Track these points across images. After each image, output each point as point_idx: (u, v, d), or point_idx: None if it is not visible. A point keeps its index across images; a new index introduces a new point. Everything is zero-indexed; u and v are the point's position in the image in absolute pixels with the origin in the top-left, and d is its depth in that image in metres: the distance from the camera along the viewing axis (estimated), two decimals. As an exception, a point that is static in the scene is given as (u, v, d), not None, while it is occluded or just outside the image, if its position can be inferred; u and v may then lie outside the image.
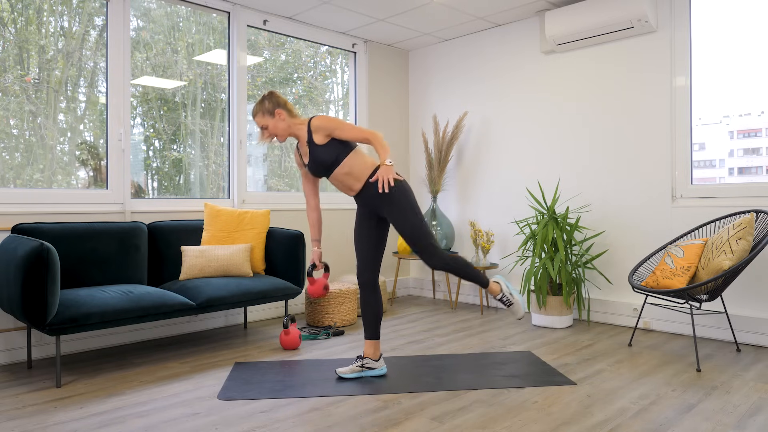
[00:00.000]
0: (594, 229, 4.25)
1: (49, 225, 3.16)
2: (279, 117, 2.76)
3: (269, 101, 2.77)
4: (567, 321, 4.01)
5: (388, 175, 2.52)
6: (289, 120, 2.77)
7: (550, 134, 4.51)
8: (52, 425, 2.30)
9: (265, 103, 2.77)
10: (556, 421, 2.31)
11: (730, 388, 2.70)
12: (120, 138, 3.69)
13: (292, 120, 2.78)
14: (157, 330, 3.78)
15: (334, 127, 2.67)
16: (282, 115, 2.76)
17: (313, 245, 2.94)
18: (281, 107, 2.77)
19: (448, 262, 2.72)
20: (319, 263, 2.93)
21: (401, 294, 5.50)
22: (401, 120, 5.57)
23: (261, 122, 2.78)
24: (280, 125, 2.76)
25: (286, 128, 2.77)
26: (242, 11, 4.32)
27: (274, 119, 2.76)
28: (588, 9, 4.02)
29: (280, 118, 2.76)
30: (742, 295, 3.55)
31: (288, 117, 2.77)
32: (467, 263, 2.77)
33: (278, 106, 2.76)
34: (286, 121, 2.76)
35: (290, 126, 2.78)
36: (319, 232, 2.93)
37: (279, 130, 2.77)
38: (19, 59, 3.36)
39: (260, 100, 2.79)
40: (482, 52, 4.98)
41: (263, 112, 2.77)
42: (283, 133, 2.78)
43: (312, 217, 2.93)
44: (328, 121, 2.68)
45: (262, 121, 2.77)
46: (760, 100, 3.56)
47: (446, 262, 2.72)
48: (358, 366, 2.87)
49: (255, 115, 2.80)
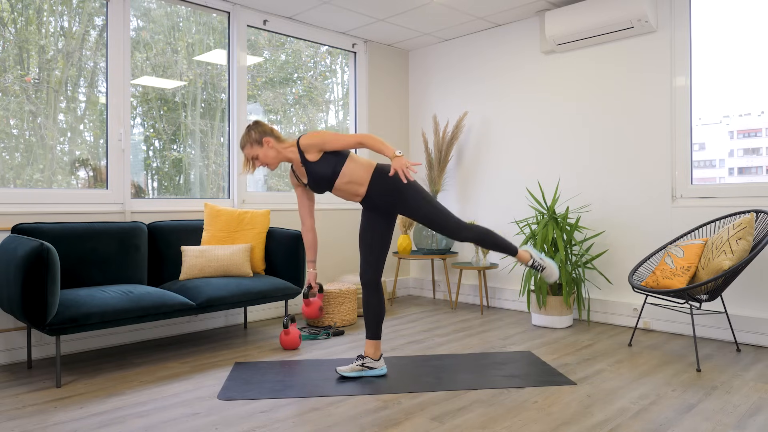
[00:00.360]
0: (594, 229, 4.25)
1: (49, 225, 3.16)
2: (267, 145, 2.74)
3: (255, 131, 2.75)
4: (567, 321, 4.01)
5: (404, 165, 2.52)
6: (277, 146, 2.75)
7: (550, 134, 4.51)
8: (52, 425, 2.30)
9: (251, 134, 2.75)
10: (556, 421, 2.31)
11: (730, 388, 2.70)
12: (120, 138, 3.69)
13: (281, 145, 2.76)
14: (157, 330, 3.78)
15: (323, 141, 2.66)
16: (270, 143, 2.73)
17: (308, 266, 2.94)
18: (268, 135, 2.75)
19: (474, 234, 2.77)
20: (314, 284, 2.95)
21: (401, 294, 5.50)
22: (401, 120, 5.57)
23: (250, 153, 2.75)
24: (270, 153, 2.74)
25: (276, 155, 2.76)
26: (242, 11, 4.32)
27: (263, 148, 2.74)
28: (588, 9, 4.02)
29: (269, 146, 2.74)
30: (742, 295, 3.55)
31: (276, 143, 2.75)
32: (493, 235, 2.81)
33: (265, 134, 2.74)
34: (275, 148, 2.74)
35: (280, 152, 2.76)
36: (315, 253, 2.94)
37: (269, 159, 2.75)
38: (19, 59, 3.36)
39: (246, 131, 2.77)
40: (482, 52, 4.98)
41: (251, 142, 2.74)
42: (273, 161, 2.76)
43: (308, 239, 2.92)
44: (315, 137, 2.67)
45: (251, 151, 2.75)
46: (760, 100, 3.56)
47: (474, 234, 2.77)
48: (359, 365, 2.87)
49: (243, 146, 2.77)
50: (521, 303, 4.69)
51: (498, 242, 2.81)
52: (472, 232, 2.77)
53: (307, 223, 2.91)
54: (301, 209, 2.90)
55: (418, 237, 4.91)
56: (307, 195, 2.88)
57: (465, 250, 5.14)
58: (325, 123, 5.08)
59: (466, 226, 2.78)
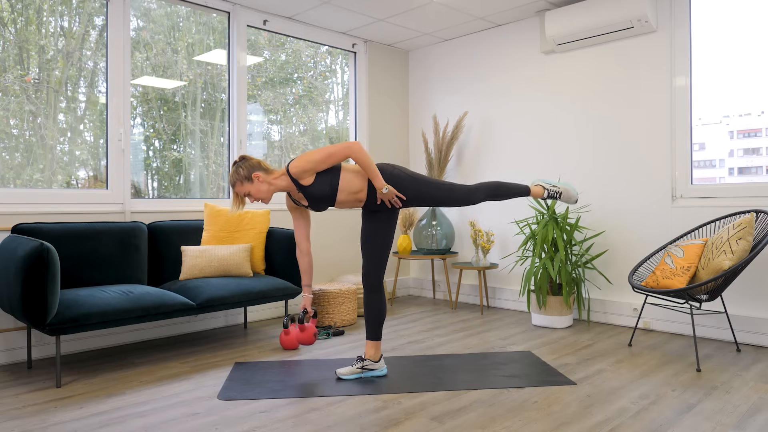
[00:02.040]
0: (594, 229, 4.25)
1: (49, 225, 3.16)
2: (258, 180, 2.69)
3: (243, 167, 2.69)
4: (567, 321, 4.01)
5: (390, 195, 2.67)
6: (268, 178, 2.70)
7: (550, 134, 4.51)
8: (52, 425, 2.30)
9: (240, 170, 2.69)
10: (556, 421, 2.31)
11: (730, 388, 2.70)
12: (120, 138, 3.69)
13: (271, 177, 2.71)
14: (157, 330, 3.78)
15: (313, 165, 2.62)
16: (260, 177, 2.68)
17: (304, 291, 2.90)
18: (257, 169, 2.69)
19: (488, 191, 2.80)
20: (309, 310, 2.91)
21: (401, 294, 5.50)
22: (401, 120, 5.57)
23: (242, 191, 2.70)
24: (262, 188, 2.69)
25: (269, 188, 2.71)
26: (242, 11, 4.32)
27: (254, 184, 2.69)
28: (588, 9, 4.02)
29: (259, 181, 2.69)
30: (742, 295, 3.55)
31: (266, 176, 2.70)
32: (500, 184, 2.84)
33: (253, 169, 2.69)
34: (266, 182, 2.69)
35: (271, 183, 2.71)
36: (311, 277, 2.90)
37: (262, 194, 2.70)
38: (19, 59, 3.36)
39: (234, 168, 2.71)
40: (482, 52, 4.98)
41: (240, 180, 2.69)
42: (266, 195, 2.71)
43: (303, 263, 2.88)
44: (305, 163, 2.62)
45: (243, 189, 2.69)
46: (760, 100, 3.56)
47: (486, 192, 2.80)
48: (358, 367, 2.87)
49: (234, 185, 2.71)
50: (521, 303, 4.69)
51: (510, 190, 2.85)
52: (483, 192, 2.80)
53: (303, 247, 2.87)
54: (297, 232, 2.86)
55: (418, 237, 4.91)
56: (303, 218, 2.84)
57: (465, 250, 5.14)
58: (325, 123, 5.08)
59: (475, 188, 2.79)
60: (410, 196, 2.75)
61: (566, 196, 2.92)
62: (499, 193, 2.83)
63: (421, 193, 2.74)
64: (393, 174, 2.74)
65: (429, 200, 2.76)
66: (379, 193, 2.66)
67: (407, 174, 2.76)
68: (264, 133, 4.66)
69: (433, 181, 2.77)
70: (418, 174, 2.78)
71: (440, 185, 2.76)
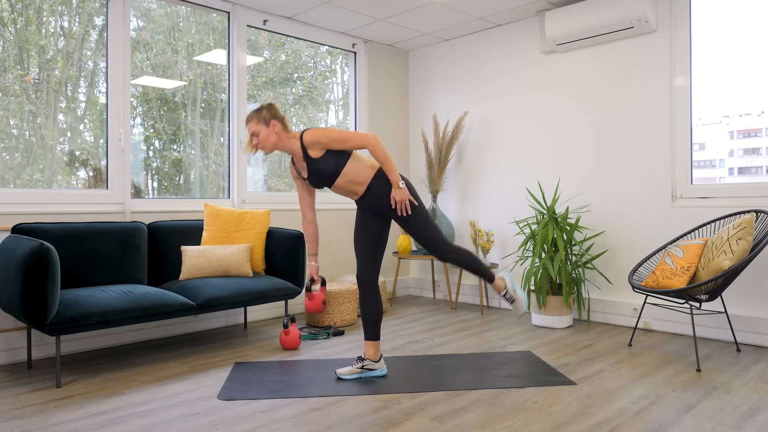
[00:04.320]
0: (594, 229, 4.25)
1: (49, 225, 3.16)
2: (273, 128, 2.71)
3: (267, 111, 2.73)
4: (567, 321, 4.01)
5: (404, 199, 2.66)
6: (282, 133, 2.72)
7: (550, 134, 4.51)
8: (52, 425, 2.30)
9: (262, 112, 2.73)
10: (556, 421, 2.31)
11: (730, 388, 2.70)
12: (120, 138, 3.69)
13: (285, 134, 2.74)
14: (157, 330, 3.78)
15: (329, 141, 2.64)
16: (276, 127, 2.71)
17: (309, 260, 2.92)
18: (278, 120, 2.73)
19: (457, 256, 2.78)
20: (316, 277, 2.92)
21: (401, 294, 5.50)
22: (401, 120, 5.57)
23: (253, 129, 2.72)
24: (272, 138, 2.71)
25: (276, 142, 2.73)
26: (242, 11, 4.32)
27: (267, 129, 2.70)
28: (588, 9, 4.02)
29: (273, 130, 2.71)
30: (742, 295, 3.55)
31: (281, 130, 2.72)
32: (476, 258, 2.83)
33: (275, 118, 2.72)
34: (278, 134, 2.71)
35: (281, 140, 2.73)
36: (316, 246, 2.92)
37: (268, 143, 2.72)
38: (19, 59, 3.36)
39: (258, 108, 2.76)
40: (482, 52, 4.98)
41: (258, 119, 2.72)
42: (271, 146, 2.72)
43: (309, 231, 2.90)
44: (321, 135, 2.64)
45: (255, 127, 2.72)
46: (760, 100, 3.56)
47: (455, 256, 2.78)
48: (358, 367, 2.87)
49: (249, 121, 2.74)
50: (521, 303, 4.68)
51: (479, 268, 2.83)
52: (456, 255, 2.79)
53: (308, 216, 2.90)
54: (302, 202, 2.89)
55: (418, 237, 4.90)
56: (307, 188, 2.86)
57: (465, 250, 5.13)
58: (325, 123, 5.07)
59: (452, 248, 2.79)
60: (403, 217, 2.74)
61: (517, 305, 2.90)
62: (469, 266, 2.81)
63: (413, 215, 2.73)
64: (408, 185, 2.76)
65: (415, 224, 2.74)
66: (394, 190, 2.65)
67: (413, 191, 2.78)
68: (264, 133, 4.65)
69: (429, 217, 2.78)
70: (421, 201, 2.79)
71: (432, 224, 2.77)
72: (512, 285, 2.92)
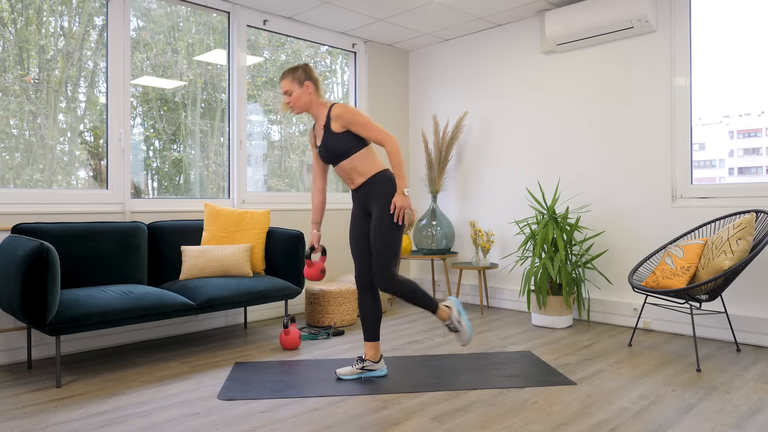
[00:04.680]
0: (594, 229, 4.25)
1: (49, 225, 3.16)
2: (306, 89, 2.73)
3: (303, 71, 2.74)
4: (567, 321, 4.01)
5: (404, 206, 2.64)
6: (314, 96, 2.75)
7: (550, 134, 4.51)
8: (52, 425, 2.30)
9: (298, 71, 2.74)
10: (556, 421, 2.30)
11: (730, 388, 2.70)
12: (120, 138, 3.69)
13: (317, 98, 2.76)
14: (157, 330, 3.78)
15: (352, 121, 2.66)
16: (309, 89, 2.73)
17: (312, 228, 2.93)
18: (312, 81, 2.74)
19: (395, 289, 2.69)
20: (317, 246, 2.92)
21: (401, 294, 5.49)
22: (401, 120, 5.57)
23: (287, 87, 2.74)
24: (304, 98, 2.73)
25: (307, 103, 2.75)
26: (242, 11, 4.32)
27: (300, 89, 2.72)
28: (588, 9, 4.02)
29: (306, 91, 2.73)
30: (742, 295, 3.55)
31: (314, 92, 2.75)
32: (416, 291, 2.71)
33: (309, 79, 2.74)
34: (310, 96, 2.74)
35: (312, 102, 2.76)
36: (321, 215, 2.93)
37: (300, 102, 2.74)
38: (19, 59, 3.36)
39: (294, 67, 2.76)
40: (482, 52, 4.98)
41: (293, 78, 2.73)
42: (302, 106, 2.75)
43: (316, 200, 2.91)
44: (348, 113, 2.66)
45: (289, 86, 2.73)
46: (760, 100, 3.55)
47: (394, 288, 2.68)
48: (358, 368, 2.87)
49: (283, 78, 2.75)
50: (521, 303, 4.68)
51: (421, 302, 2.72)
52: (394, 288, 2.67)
53: (318, 185, 2.91)
54: (315, 171, 2.91)
55: (418, 237, 4.91)
56: None
57: (465, 250, 5.14)
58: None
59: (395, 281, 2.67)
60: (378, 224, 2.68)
61: (460, 335, 2.84)
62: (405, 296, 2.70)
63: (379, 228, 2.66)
64: None
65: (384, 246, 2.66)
66: (398, 195, 2.64)
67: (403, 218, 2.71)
68: (264, 133, 4.66)
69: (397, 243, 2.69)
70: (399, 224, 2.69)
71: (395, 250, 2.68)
72: (458, 313, 2.83)
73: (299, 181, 4.87)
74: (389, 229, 2.68)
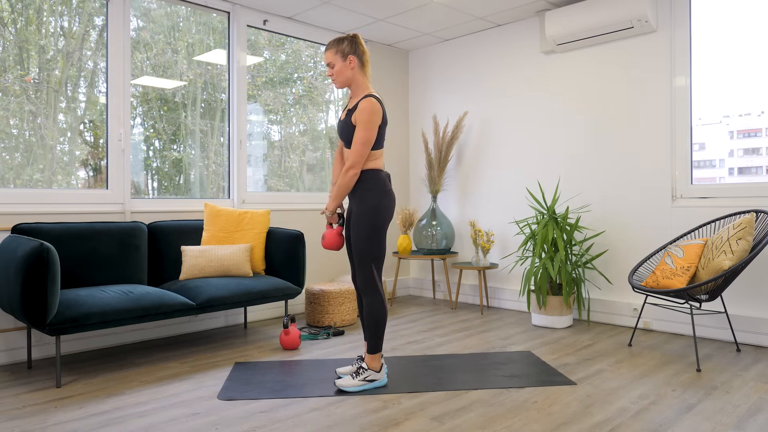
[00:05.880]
0: (594, 229, 4.25)
1: (49, 225, 3.16)
2: (349, 64, 2.60)
3: (349, 44, 2.60)
4: (567, 321, 4.01)
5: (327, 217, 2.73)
6: (357, 73, 2.63)
7: (550, 134, 4.51)
8: (52, 425, 2.30)
9: (343, 43, 2.60)
10: (556, 421, 2.31)
11: (730, 388, 2.70)
12: (120, 138, 3.69)
13: (361, 76, 2.64)
14: (157, 330, 3.78)
15: (359, 121, 2.58)
16: (353, 63, 2.60)
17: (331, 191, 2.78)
18: (356, 56, 2.61)
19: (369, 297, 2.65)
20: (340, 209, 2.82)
21: (401, 294, 5.50)
22: (401, 120, 5.57)
23: (329, 59, 2.62)
24: (347, 72, 2.61)
25: (350, 76, 2.62)
26: (242, 11, 4.32)
27: (343, 63, 2.60)
28: (588, 9, 4.02)
29: (349, 65, 2.61)
30: (742, 295, 3.55)
31: (357, 68, 2.62)
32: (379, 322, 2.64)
33: (354, 54, 2.60)
34: (353, 71, 2.62)
35: (354, 78, 2.63)
36: None
37: (341, 77, 2.62)
38: (19, 59, 3.36)
39: (340, 38, 2.62)
40: (482, 52, 4.98)
41: (337, 50, 2.61)
42: (343, 81, 2.63)
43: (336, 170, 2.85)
44: (364, 114, 2.56)
45: (331, 58, 2.61)
46: (760, 100, 3.56)
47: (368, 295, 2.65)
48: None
49: (328, 49, 2.62)
50: (521, 303, 4.69)
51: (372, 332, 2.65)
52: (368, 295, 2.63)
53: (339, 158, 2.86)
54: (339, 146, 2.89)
55: (418, 237, 4.91)
56: None
57: (465, 250, 5.14)
58: (325, 123, 5.07)
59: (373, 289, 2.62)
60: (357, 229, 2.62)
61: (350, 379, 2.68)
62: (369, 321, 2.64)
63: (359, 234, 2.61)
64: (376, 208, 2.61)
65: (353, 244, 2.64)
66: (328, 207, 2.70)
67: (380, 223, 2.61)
68: (264, 133, 4.66)
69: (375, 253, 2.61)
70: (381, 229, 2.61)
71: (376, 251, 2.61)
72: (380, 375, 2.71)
73: (299, 181, 4.87)
74: (363, 230, 2.61)
